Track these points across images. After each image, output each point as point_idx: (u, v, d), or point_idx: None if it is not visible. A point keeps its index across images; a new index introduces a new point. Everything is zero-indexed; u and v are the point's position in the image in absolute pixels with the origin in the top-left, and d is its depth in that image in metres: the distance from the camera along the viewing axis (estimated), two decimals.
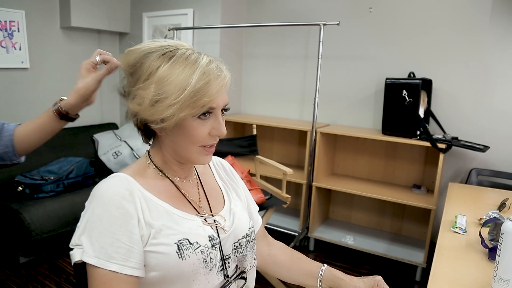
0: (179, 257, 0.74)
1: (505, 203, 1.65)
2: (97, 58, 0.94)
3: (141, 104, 0.76)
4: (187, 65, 0.74)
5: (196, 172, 0.93)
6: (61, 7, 3.08)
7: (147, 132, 0.84)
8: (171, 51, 0.77)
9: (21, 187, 2.49)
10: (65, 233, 2.40)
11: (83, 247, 0.71)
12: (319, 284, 0.95)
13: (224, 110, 0.82)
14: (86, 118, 3.43)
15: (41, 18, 2.98)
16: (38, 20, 2.96)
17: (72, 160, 2.82)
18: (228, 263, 0.83)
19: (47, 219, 2.33)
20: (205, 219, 0.84)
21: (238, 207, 0.93)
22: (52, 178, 2.59)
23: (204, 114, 0.76)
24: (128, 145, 3.09)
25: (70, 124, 3.42)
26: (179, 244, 0.75)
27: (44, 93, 3.06)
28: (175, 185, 0.85)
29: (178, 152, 0.81)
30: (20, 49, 2.84)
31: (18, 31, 2.81)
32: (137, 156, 3.01)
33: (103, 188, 0.75)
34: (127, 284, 0.71)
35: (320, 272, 0.96)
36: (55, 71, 3.13)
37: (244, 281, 0.87)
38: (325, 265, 0.97)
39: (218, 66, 0.77)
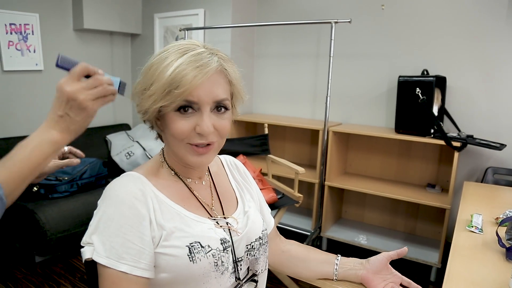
0: (190, 260, 0.73)
1: None
2: (66, 149, 1.04)
3: (134, 97, 0.79)
4: (173, 55, 0.73)
5: (210, 173, 0.92)
6: (74, 10, 3.12)
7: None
8: (171, 45, 0.77)
9: (36, 187, 2.53)
10: (80, 232, 2.43)
11: (94, 246, 0.71)
12: (336, 268, 0.97)
13: (222, 107, 0.77)
14: (99, 119, 3.47)
15: (54, 20, 3.03)
16: (52, 22, 3.01)
17: (85, 160, 2.85)
18: (240, 265, 0.82)
19: (62, 219, 2.37)
20: (217, 222, 0.82)
21: (252, 208, 0.91)
22: (66, 178, 2.62)
23: (184, 108, 0.73)
24: (141, 146, 3.11)
25: None
26: (190, 247, 0.74)
27: None
28: (187, 186, 0.84)
29: (171, 149, 0.80)
30: (34, 51, 2.89)
31: (33, 34, 2.86)
32: (149, 157, 3.03)
33: (116, 187, 0.74)
34: (137, 285, 0.70)
35: (337, 257, 0.99)
36: None
37: (255, 283, 0.86)
38: (340, 255, 1.01)
39: (208, 56, 0.73)
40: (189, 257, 0.73)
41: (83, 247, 0.74)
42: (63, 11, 3.09)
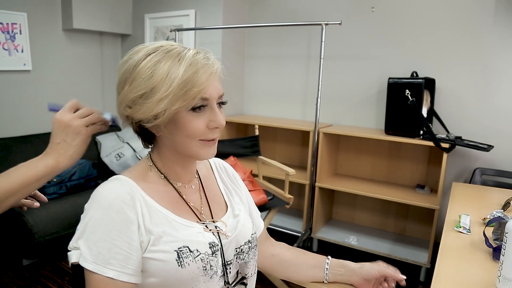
0: (179, 265, 0.72)
1: (510, 203, 1.64)
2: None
3: (131, 106, 0.74)
4: (170, 58, 0.73)
5: (199, 176, 0.92)
6: (63, 9, 3.09)
7: (146, 135, 0.83)
8: (154, 47, 0.76)
9: None
10: (68, 235, 2.40)
11: (81, 251, 0.70)
12: (326, 273, 0.98)
13: (221, 103, 0.79)
14: None
15: (43, 20, 2.99)
16: (40, 22, 2.98)
17: None
18: (229, 269, 0.82)
19: (50, 221, 2.34)
20: (206, 226, 0.82)
21: (242, 211, 0.91)
22: (54, 180, 2.59)
23: (198, 107, 0.74)
24: (131, 147, 3.09)
25: None
26: (179, 251, 0.73)
27: (47, 95, 3.07)
28: (176, 190, 0.84)
29: (179, 149, 0.79)
30: (22, 51, 2.85)
31: (20, 34, 2.82)
32: (139, 158, 3.01)
33: (104, 191, 0.73)
34: None
35: (327, 261, 0.99)
36: (58, 73, 3.14)
37: (244, 286, 0.86)
38: (330, 256, 1.00)
39: (205, 56, 0.76)
40: (178, 262, 0.72)
41: (70, 251, 0.73)
42: (52, 11, 3.06)
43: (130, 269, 0.70)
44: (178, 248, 0.74)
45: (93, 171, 2.87)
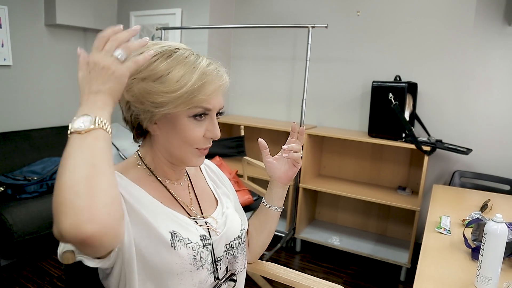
0: (171, 246, 0.73)
1: (487, 204, 1.70)
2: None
3: (134, 95, 0.74)
4: (185, 64, 0.75)
5: (188, 174, 0.92)
6: (46, 4, 3.02)
7: (140, 130, 0.82)
8: (171, 49, 0.77)
9: (3, 187, 2.43)
10: (49, 234, 2.36)
11: None
12: (268, 205, 1.00)
13: (218, 113, 0.82)
14: (70, 117, 3.37)
15: (25, 14, 2.92)
16: (22, 16, 2.90)
17: (56, 160, 2.77)
18: (219, 265, 0.83)
19: (30, 220, 2.28)
20: (196, 222, 0.83)
21: (230, 209, 0.93)
22: (35, 178, 2.54)
23: (200, 115, 0.76)
24: (114, 145, 3.04)
25: (54, 124, 3.34)
26: (172, 233, 0.74)
27: (28, 91, 3.00)
28: (165, 187, 0.84)
29: (171, 152, 0.80)
30: (2, 46, 2.78)
31: (0, 27, 2.75)
32: (123, 157, 2.97)
33: None
34: None
35: (264, 203, 1.01)
36: (39, 69, 3.07)
37: (234, 283, 0.87)
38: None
39: (216, 69, 0.78)
40: (171, 243, 0.73)
41: (54, 248, 0.72)
42: (34, 5, 2.99)
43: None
44: (172, 230, 0.75)
45: None
